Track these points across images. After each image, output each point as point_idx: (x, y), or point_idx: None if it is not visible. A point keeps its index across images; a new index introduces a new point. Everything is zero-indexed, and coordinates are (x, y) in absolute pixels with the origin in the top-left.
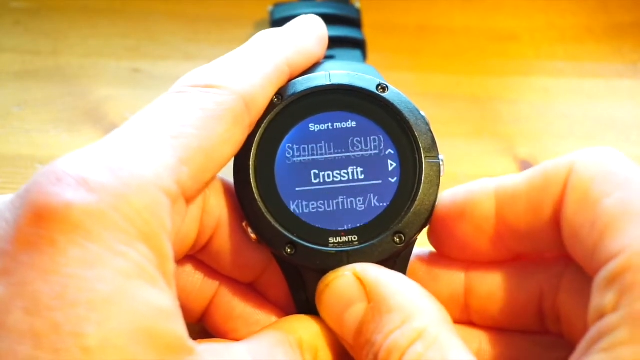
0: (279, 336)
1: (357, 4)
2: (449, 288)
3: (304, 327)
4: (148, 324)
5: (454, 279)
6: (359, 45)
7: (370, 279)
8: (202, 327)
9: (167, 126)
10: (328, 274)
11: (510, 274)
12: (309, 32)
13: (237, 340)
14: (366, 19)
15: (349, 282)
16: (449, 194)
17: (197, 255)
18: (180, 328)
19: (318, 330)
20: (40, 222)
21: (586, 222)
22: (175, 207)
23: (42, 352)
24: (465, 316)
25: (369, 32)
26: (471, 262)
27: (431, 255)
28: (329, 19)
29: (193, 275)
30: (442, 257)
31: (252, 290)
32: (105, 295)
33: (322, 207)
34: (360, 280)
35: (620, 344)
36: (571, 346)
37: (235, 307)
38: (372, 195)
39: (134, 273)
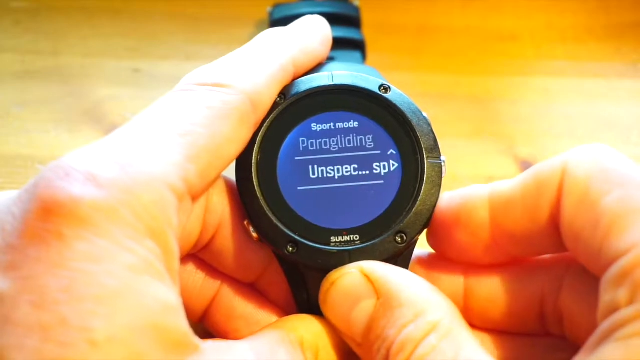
0: (281, 335)
1: (357, 3)
2: (449, 290)
3: (306, 326)
4: (155, 319)
5: (454, 281)
6: (358, 46)
7: (378, 275)
8: (202, 327)
9: (174, 124)
10: (332, 273)
11: (511, 276)
12: (313, 32)
13: (238, 340)
14: (366, 19)
15: (356, 280)
16: (445, 199)
17: (198, 254)
18: (186, 324)
19: (319, 329)
20: (48, 216)
21: (588, 222)
22: (181, 204)
23: (50, 346)
24: (465, 319)
25: (369, 32)
26: (470, 264)
27: (430, 257)
28: (328, 19)
29: (194, 275)
30: (441, 259)
31: (253, 290)
32: (113, 289)
33: (324, 206)
34: (368, 277)
35: (638, 335)
36: (574, 347)
37: (237, 306)
38: (374, 195)
39: (141, 268)
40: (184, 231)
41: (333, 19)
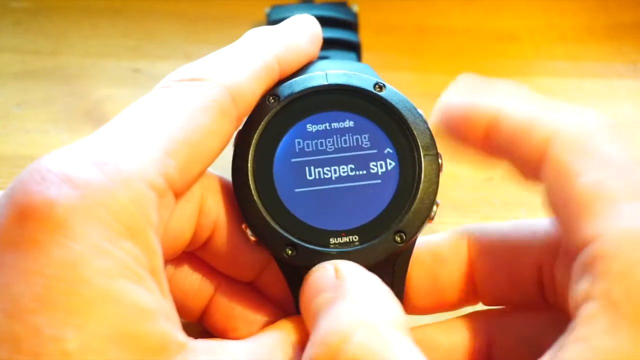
0: (280, 337)
1: (355, 7)
2: (457, 271)
3: (305, 327)
4: (129, 327)
5: (458, 259)
6: (354, 47)
7: (344, 272)
8: (203, 327)
9: (152, 120)
10: (315, 267)
11: (511, 247)
12: (300, 29)
13: (236, 339)
14: (366, 20)
15: (327, 273)
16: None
17: (196, 253)
18: (165, 327)
19: None
20: (24, 222)
21: (561, 199)
22: (162, 201)
23: (22, 356)
24: (470, 294)
25: (368, 33)
26: (472, 241)
27: (436, 238)
28: (325, 22)
29: (192, 275)
30: (445, 240)
31: (251, 289)
32: (86, 297)
33: (322, 207)
34: (337, 272)
35: (595, 335)
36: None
37: (235, 306)
38: (371, 194)
39: (117, 272)
40: (173, 231)
41: (330, 23)
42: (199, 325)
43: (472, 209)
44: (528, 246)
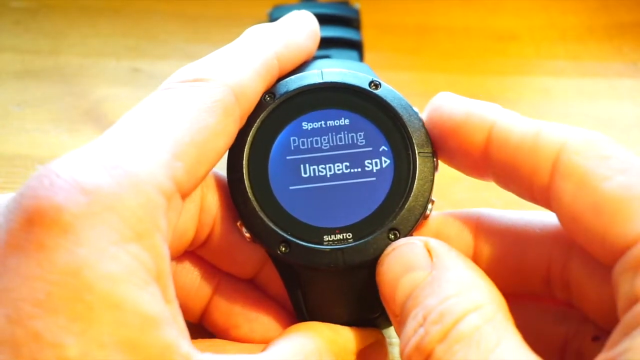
0: (292, 349)
1: (357, 6)
2: (459, 250)
3: (320, 334)
4: (132, 334)
5: (463, 241)
6: (355, 46)
7: (439, 251)
8: (204, 328)
9: (159, 122)
10: (399, 240)
11: (519, 239)
12: (299, 27)
13: (238, 337)
14: (366, 19)
15: (417, 250)
16: (451, 105)
17: (196, 251)
18: (170, 336)
19: (332, 336)
20: (31, 227)
21: (588, 206)
22: (170, 204)
23: None
24: None
25: (369, 32)
26: (480, 225)
27: (441, 217)
28: (327, 20)
29: (192, 273)
30: (452, 219)
31: (252, 286)
32: (89, 303)
33: (316, 204)
34: (429, 251)
35: None
36: (579, 318)
37: (236, 303)
38: (366, 192)
39: (123, 278)
40: (177, 230)
41: (332, 21)
42: (199, 327)
43: None
44: (538, 238)
